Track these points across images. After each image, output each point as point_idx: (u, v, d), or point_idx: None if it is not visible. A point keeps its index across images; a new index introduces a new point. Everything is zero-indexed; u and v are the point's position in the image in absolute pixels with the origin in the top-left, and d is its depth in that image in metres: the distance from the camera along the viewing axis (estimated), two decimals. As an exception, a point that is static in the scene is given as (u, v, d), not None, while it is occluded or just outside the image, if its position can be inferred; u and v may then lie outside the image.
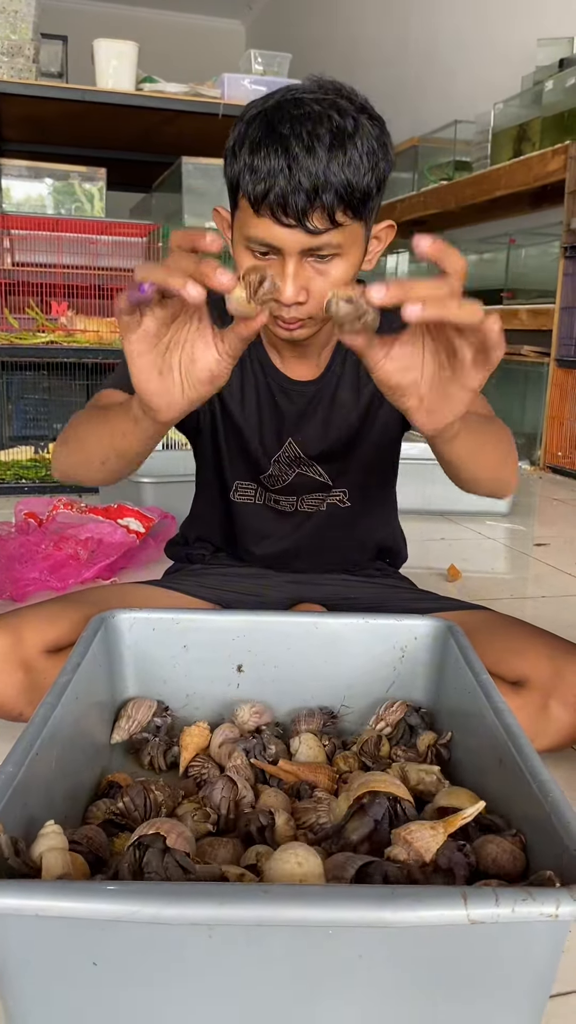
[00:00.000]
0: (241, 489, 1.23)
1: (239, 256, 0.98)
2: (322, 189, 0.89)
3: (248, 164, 0.91)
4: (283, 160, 0.88)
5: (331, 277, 0.95)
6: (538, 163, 3.54)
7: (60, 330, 2.95)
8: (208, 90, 3.32)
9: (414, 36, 5.20)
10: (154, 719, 1.01)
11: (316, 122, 0.90)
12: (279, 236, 0.92)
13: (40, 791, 0.74)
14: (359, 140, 0.91)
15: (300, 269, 0.94)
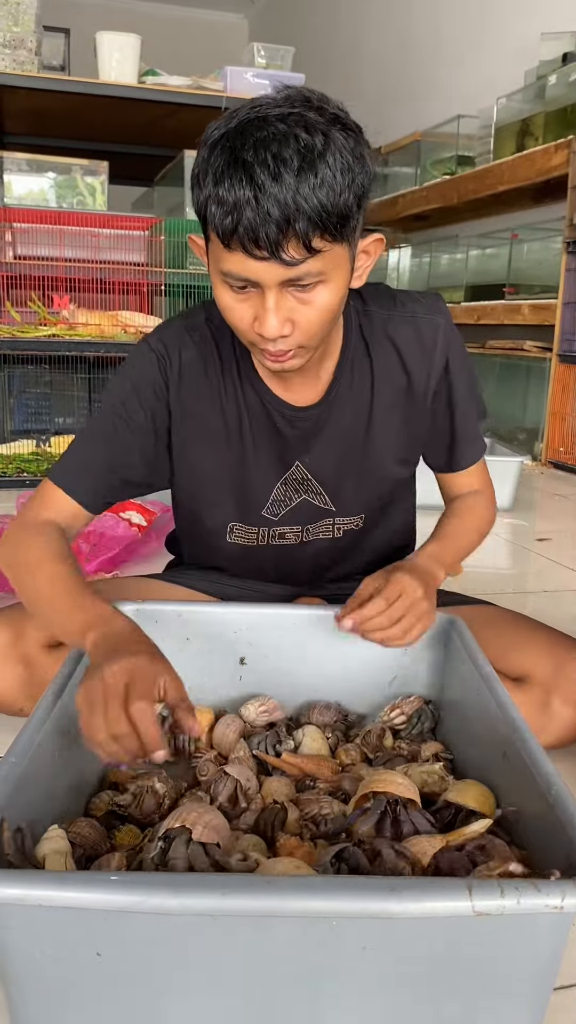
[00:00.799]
0: (238, 531, 1.14)
1: (218, 291, 0.91)
2: (293, 218, 0.80)
3: (213, 195, 0.82)
4: (248, 190, 0.80)
5: (316, 305, 0.88)
6: (541, 158, 3.53)
7: (62, 323, 2.94)
8: (211, 83, 3.31)
9: (417, 30, 5.19)
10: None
11: (281, 143, 0.80)
12: (254, 270, 0.84)
13: (42, 783, 0.74)
14: (331, 157, 0.81)
15: (282, 300, 0.87)
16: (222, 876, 0.59)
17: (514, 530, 2.49)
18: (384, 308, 1.09)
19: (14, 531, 1.03)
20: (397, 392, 1.10)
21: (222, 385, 1.07)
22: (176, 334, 1.07)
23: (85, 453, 1.07)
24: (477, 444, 1.18)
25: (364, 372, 1.08)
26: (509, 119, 3.95)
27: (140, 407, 1.05)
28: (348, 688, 1.05)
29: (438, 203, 4.40)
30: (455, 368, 1.12)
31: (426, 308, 1.10)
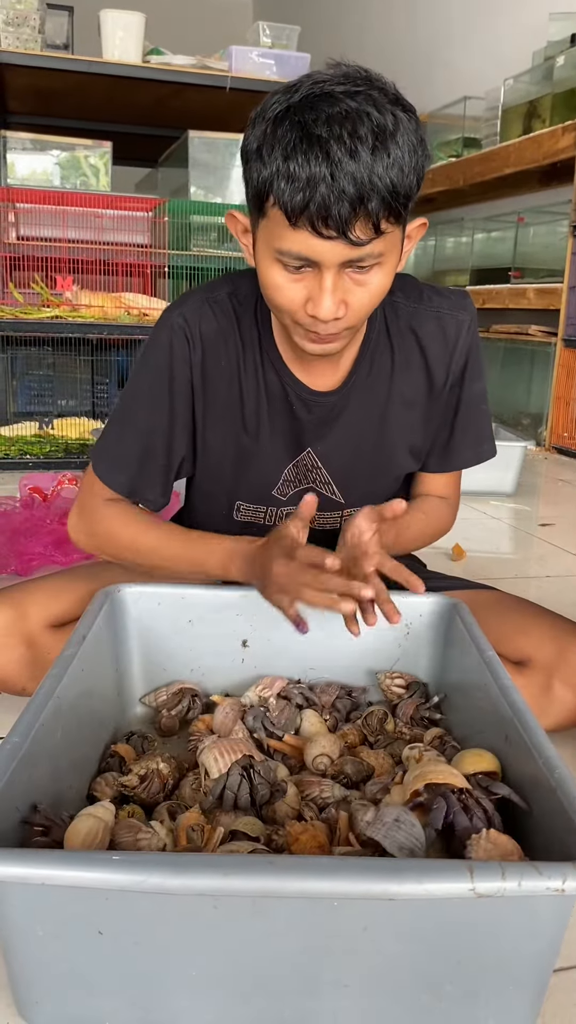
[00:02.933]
0: (243, 510, 1.14)
1: (266, 271, 0.88)
2: (367, 197, 0.80)
3: (282, 171, 0.80)
4: (324, 166, 0.78)
5: (370, 287, 0.88)
6: (548, 140, 3.50)
7: (65, 305, 2.93)
8: (215, 63, 3.29)
9: (424, 10, 5.13)
10: (183, 700, 1.02)
11: (356, 121, 0.79)
12: (318, 249, 0.83)
13: (45, 762, 0.74)
14: (400, 137, 0.81)
15: (339, 281, 0.86)
16: (223, 857, 0.60)
17: (517, 515, 2.49)
18: (411, 301, 1.08)
19: (83, 511, 1.10)
20: (416, 386, 1.09)
21: (242, 362, 1.05)
22: (197, 307, 1.05)
23: (128, 446, 1.07)
24: (471, 450, 1.17)
25: (384, 362, 1.08)
26: (516, 101, 3.91)
27: (167, 389, 1.05)
28: (351, 671, 1.05)
29: (444, 186, 4.37)
30: (472, 370, 1.11)
31: (452, 304, 1.09)
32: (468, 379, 1.11)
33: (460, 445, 1.15)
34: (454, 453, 1.16)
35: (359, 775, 0.87)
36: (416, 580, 0.88)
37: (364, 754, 0.91)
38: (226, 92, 3.28)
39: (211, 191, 3.35)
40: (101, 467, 1.09)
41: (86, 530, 1.10)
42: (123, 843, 0.70)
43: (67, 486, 2.09)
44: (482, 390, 1.14)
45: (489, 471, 2.58)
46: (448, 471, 1.18)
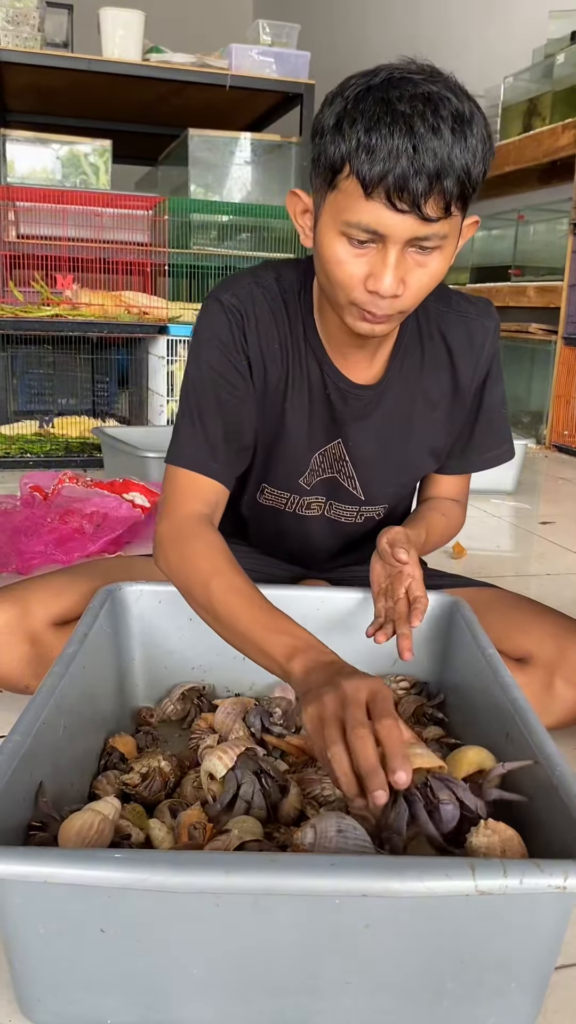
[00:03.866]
0: (268, 493, 1.14)
1: (330, 245, 0.89)
2: (444, 174, 0.82)
3: (364, 143, 0.82)
4: (407, 140, 0.80)
5: (430, 269, 0.89)
6: (548, 138, 3.50)
7: (65, 303, 2.93)
8: (215, 61, 3.28)
9: (424, 7, 5.13)
10: (193, 699, 1.02)
11: (438, 103, 0.82)
12: (389, 222, 0.84)
13: (47, 759, 0.74)
14: (475, 127, 0.84)
15: (401, 259, 0.87)
16: (225, 855, 0.60)
17: (518, 513, 2.49)
18: (440, 304, 1.10)
19: (171, 536, 0.99)
20: (441, 388, 1.11)
21: (288, 346, 1.06)
22: (248, 290, 1.05)
23: (202, 429, 1.03)
24: (491, 452, 1.19)
25: (414, 363, 1.09)
26: (516, 99, 3.91)
27: (233, 366, 1.04)
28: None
29: (444, 184, 4.36)
30: (494, 374, 1.14)
31: (479, 311, 1.11)
32: (490, 385, 1.14)
33: (481, 447, 1.17)
34: (474, 455, 1.18)
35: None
36: (417, 614, 0.94)
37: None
38: (226, 90, 3.28)
39: (211, 189, 3.35)
40: (187, 456, 1.03)
41: (177, 553, 0.97)
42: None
43: (67, 484, 2.09)
44: (502, 393, 1.16)
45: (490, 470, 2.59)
46: (468, 472, 1.20)
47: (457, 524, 1.21)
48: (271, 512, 1.17)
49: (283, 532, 1.20)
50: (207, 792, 0.82)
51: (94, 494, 2.01)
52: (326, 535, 1.19)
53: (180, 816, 0.78)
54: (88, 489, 2.07)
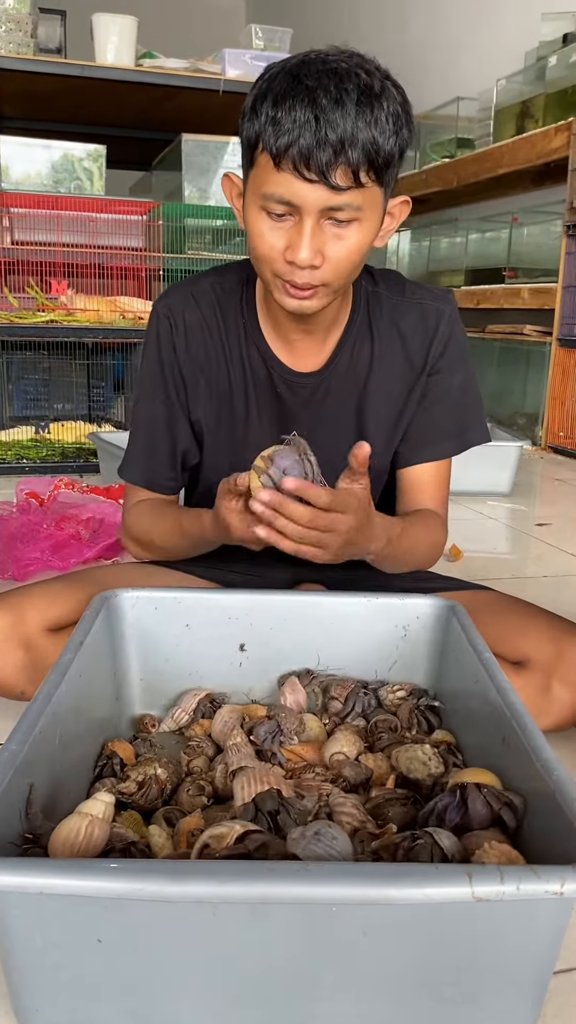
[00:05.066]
0: None
1: (253, 220, 0.93)
2: (349, 144, 0.85)
3: (271, 117, 0.86)
4: (309, 111, 0.84)
5: (348, 242, 0.92)
6: (541, 140, 3.51)
7: (60, 309, 2.93)
8: (209, 66, 3.28)
9: (416, 10, 5.14)
10: (203, 708, 1.01)
11: (344, 78, 0.85)
12: (300, 192, 0.87)
13: (43, 768, 0.74)
14: (385, 102, 0.87)
15: (317, 230, 0.90)
16: (222, 863, 0.59)
17: (514, 515, 2.49)
18: (393, 294, 1.12)
19: (124, 519, 1.22)
20: (395, 375, 1.12)
21: (226, 345, 1.10)
22: (181, 297, 1.11)
23: (138, 445, 1.18)
24: (451, 441, 1.17)
25: (365, 348, 1.11)
26: (509, 101, 3.92)
27: (162, 383, 1.12)
28: (348, 675, 1.05)
29: (438, 186, 4.38)
30: (452, 359, 1.13)
31: (434, 296, 1.13)
32: (448, 369, 1.13)
33: (439, 435, 1.16)
34: (433, 443, 1.16)
35: (357, 778, 0.86)
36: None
37: (363, 757, 0.91)
38: (219, 95, 3.28)
39: (205, 194, 3.35)
40: (122, 468, 1.20)
41: (126, 535, 1.21)
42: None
43: (63, 491, 2.09)
44: (465, 380, 1.15)
45: (485, 471, 2.60)
46: (428, 461, 1.17)
47: (435, 541, 1.17)
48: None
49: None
50: (232, 812, 0.79)
51: (90, 500, 2.01)
52: None
53: (179, 823, 0.78)
54: (84, 495, 2.07)
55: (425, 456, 1.17)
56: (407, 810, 0.79)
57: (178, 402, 1.13)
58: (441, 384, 1.14)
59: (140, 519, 1.18)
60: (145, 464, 1.18)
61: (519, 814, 0.71)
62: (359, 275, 1.11)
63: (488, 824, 0.70)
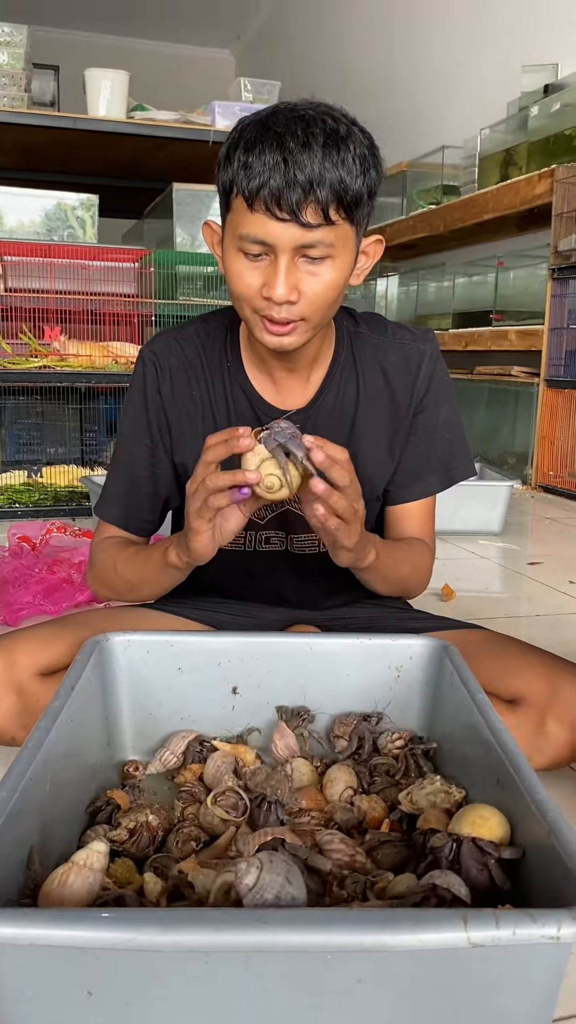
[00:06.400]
0: None
1: (231, 261, 0.96)
2: (317, 183, 0.89)
3: (243, 162, 0.91)
4: (278, 155, 0.89)
5: (322, 278, 0.95)
6: (525, 186, 3.58)
7: (53, 355, 2.95)
8: (198, 117, 3.36)
9: (401, 64, 5.27)
10: (193, 750, 1.00)
11: (310, 123, 0.91)
12: (272, 232, 0.91)
13: (34, 816, 0.73)
14: (351, 144, 0.92)
15: (292, 267, 0.93)
16: (214, 911, 0.59)
17: (505, 554, 2.50)
18: (376, 335, 1.15)
19: (90, 556, 1.20)
20: (382, 412, 1.14)
21: (210, 387, 1.13)
22: (165, 342, 1.15)
23: (115, 484, 1.19)
24: (437, 476, 1.19)
25: (351, 386, 1.13)
26: (493, 149, 4.01)
27: (145, 424, 1.14)
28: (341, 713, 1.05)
29: (424, 232, 4.46)
30: (436, 397, 1.16)
31: (415, 337, 1.16)
32: (432, 406, 1.16)
33: (426, 471, 1.18)
34: (422, 480, 1.18)
35: (349, 824, 0.86)
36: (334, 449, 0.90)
37: (356, 798, 0.90)
38: (209, 145, 3.35)
39: (196, 241, 3.40)
40: (99, 505, 1.20)
41: (91, 572, 1.19)
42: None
43: (55, 535, 2.09)
44: (449, 418, 1.18)
45: (476, 510, 2.61)
46: (418, 498, 1.19)
47: (424, 559, 1.19)
48: (233, 556, 1.18)
49: (252, 575, 1.21)
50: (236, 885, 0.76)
51: (82, 543, 2.01)
52: (295, 572, 1.20)
53: (174, 868, 0.77)
54: (76, 538, 2.07)
55: (414, 493, 1.18)
56: (399, 851, 0.79)
57: (162, 444, 1.15)
58: (427, 422, 1.16)
59: (107, 552, 1.16)
60: (125, 504, 1.18)
61: (516, 869, 0.70)
62: (341, 317, 1.13)
63: (481, 885, 0.69)
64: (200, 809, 0.89)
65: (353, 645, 1.04)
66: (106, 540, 1.19)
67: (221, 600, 1.25)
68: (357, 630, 1.19)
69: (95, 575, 1.19)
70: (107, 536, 1.19)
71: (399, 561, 1.12)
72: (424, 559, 1.19)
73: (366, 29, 5.76)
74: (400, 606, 1.31)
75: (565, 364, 3.46)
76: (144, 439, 1.15)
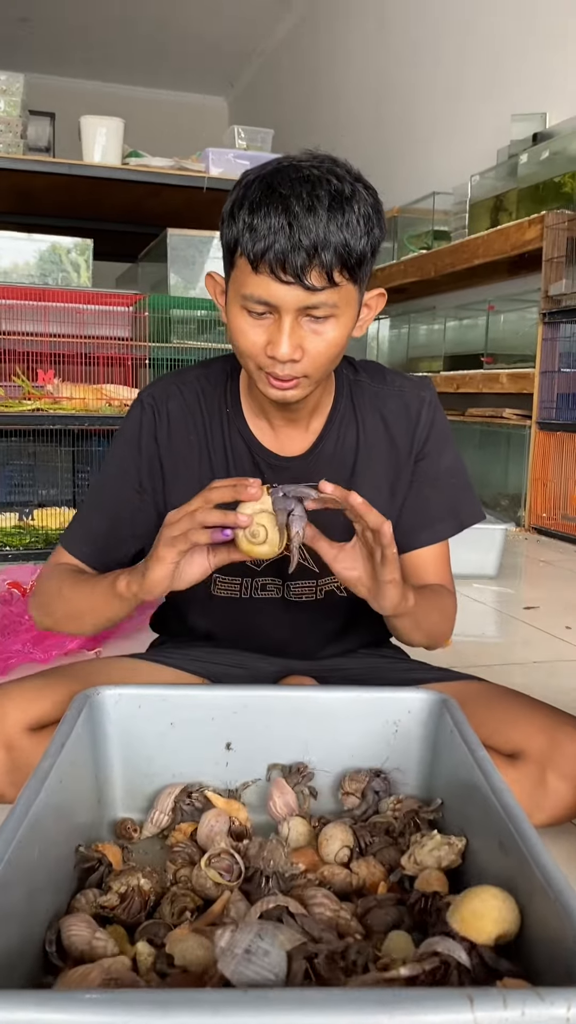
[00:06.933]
0: (221, 584, 1.15)
1: (234, 318, 0.97)
2: (322, 247, 0.89)
3: (248, 224, 0.91)
4: (283, 219, 0.89)
5: (326, 337, 0.95)
6: (515, 232, 3.63)
7: (46, 397, 2.95)
8: (193, 164, 3.40)
9: (393, 111, 5.38)
10: (182, 806, 0.97)
11: (315, 184, 0.90)
12: (277, 294, 0.91)
13: (22, 883, 0.70)
14: (356, 204, 0.92)
15: (296, 327, 0.94)
16: (210, 992, 0.56)
17: (501, 598, 2.48)
18: (375, 382, 1.15)
19: (37, 585, 1.16)
20: (382, 458, 1.13)
21: (209, 433, 1.12)
22: (165, 387, 1.14)
23: (89, 518, 1.16)
24: (446, 523, 1.18)
25: (350, 433, 1.13)
26: (483, 195, 4.07)
27: (134, 465, 1.13)
28: (340, 772, 1.02)
29: (415, 276, 4.51)
30: (438, 444, 1.16)
31: (413, 385, 1.16)
32: (434, 453, 1.15)
33: (434, 518, 1.17)
34: (430, 526, 1.17)
35: (347, 891, 0.83)
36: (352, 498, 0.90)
37: (354, 863, 0.87)
38: (203, 192, 3.38)
39: (190, 285, 3.42)
40: (68, 538, 1.16)
41: (33, 599, 1.15)
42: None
43: (47, 579, 2.06)
44: (453, 464, 1.18)
45: (472, 553, 2.60)
46: (428, 544, 1.18)
47: (451, 606, 1.18)
48: (229, 604, 1.16)
49: (248, 624, 1.19)
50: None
51: (74, 589, 1.98)
52: (292, 620, 1.18)
53: (168, 937, 0.74)
54: (68, 583, 2.04)
55: (424, 539, 1.17)
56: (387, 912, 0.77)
57: (151, 490, 1.13)
58: (430, 468, 1.16)
59: (55, 578, 1.12)
60: (99, 543, 1.14)
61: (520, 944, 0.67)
62: (340, 365, 1.14)
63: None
64: (193, 871, 0.86)
65: (350, 699, 1.02)
66: (60, 566, 1.15)
67: (214, 649, 1.23)
68: (354, 681, 1.17)
69: (38, 601, 1.14)
70: (62, 562, 1.16)
71: (431, 605, 1.10)
72: (450, 604, 1.17)
73: (358, 77, 5.88)
74: (398, 656, 1.29)
75: (557, 407, 3.48)
76: (133, 483, 1.13)
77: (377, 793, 0.98)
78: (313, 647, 1.22)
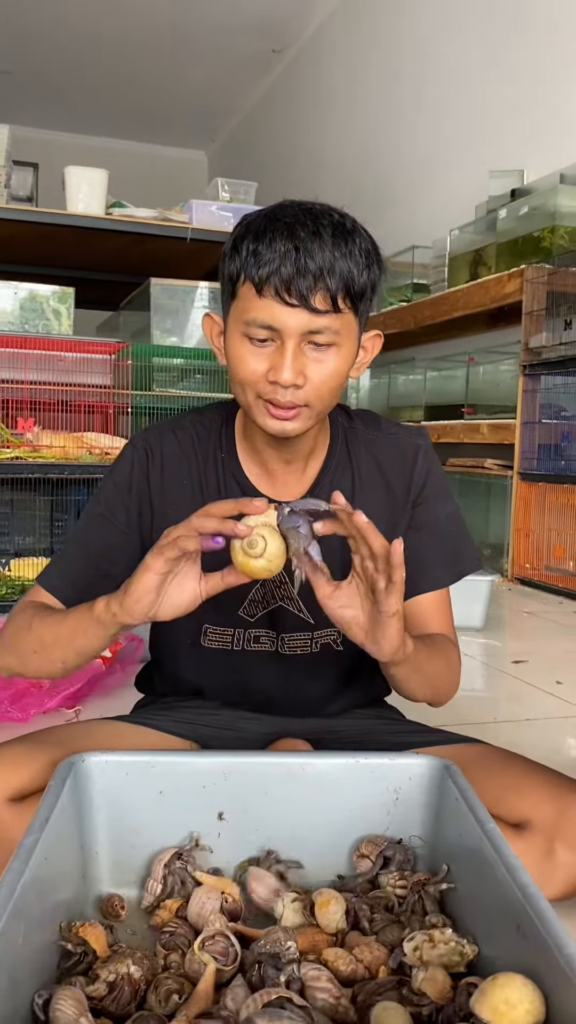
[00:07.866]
0: (212, 634, 1.12)
1: (235, 348, 0.96)
2: (327, 271, 0.90)
3: (252, 250, 0.92)
4: (289, 243, 0.90)
5: (327, 365, 0.95)
6: (495, 286, 3.67)
7: (26, 446, 2.91)
8: (176, 215, 3.42)
9: (373, 166, 5.48)
10: (175, 871, 0.92)
11: (319, 216, 0.93)
12: (281, 317, 0.92)
13: (4, 973, 0.65)
14: (357, 238, 0.94)
15: (299, 352, 0.94)
16: None
17: (488, 651, 2.45)
18: (370, 430, 1.14)
19: (6, 623, 1.09)
20: (378, 502, 1.12)
21: (203, 479, 1.10)
22: (159, 432, 1.12)
23: (70, 556, 1.12)
24: (445, 570, 1.16)
25: (345, 477, 1.11)
26: (462, 249, 4.13)
27: (123, 505, 1.09)
28: (338, 842, 0.97)
29: (395, 328, 4.54)
30: (434, 490, 1.14)
31: (408, 432, 1.16)
32: (432, 499, 1.14)
33: (434, 565, 1.14)
34: (430, 573, 1.14)
35: (354, 977, 0.78)
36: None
37: (354, 943, 0.82)
38: (186, 242, 3.40)
39: (171, 334, 3.42)
40: (46, 575, 1.12)
41: (5, 635, 1.08)
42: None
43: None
44: (451, 512, 1.16)
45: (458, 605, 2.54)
46: (427, 591, 1.14)
47: (456, 656, 1.13)
48: (220, 656, 1.12)
49: (239, 678, 1.15)
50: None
51: (53, 643, 1.92)
52: (285, 675, 1.13)
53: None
54: (46, 637, 1.98)
55: (424, 586, 1.14)
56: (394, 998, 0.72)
57: (138, 530, 1.09)
58: (428, 514, 1.14)
59: (26, 613, 1.06)
60: (77, 582, 1.09)
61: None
62: (335, 412, 1.12)
63: None
64: (186, 956, 0.80)
65: (348, 765, 0.98)
66: (33, 603, 1.09)
67: (202, 709, 1.18)
68: (349, 744, 1.13)
69: (3, 640, 1.08)
70: (36, 600, 1.10)
71: (433, 653, 1.06)
72: (453, 654, 1.12)
73: (338, 134, 6.00)
74: (394, 716, 1.25)
75: (538, 458, 3.49)
76: (120, 524, 1.09)
77: (388, 858, 0.92)
78: (307, 704, 1.17)
